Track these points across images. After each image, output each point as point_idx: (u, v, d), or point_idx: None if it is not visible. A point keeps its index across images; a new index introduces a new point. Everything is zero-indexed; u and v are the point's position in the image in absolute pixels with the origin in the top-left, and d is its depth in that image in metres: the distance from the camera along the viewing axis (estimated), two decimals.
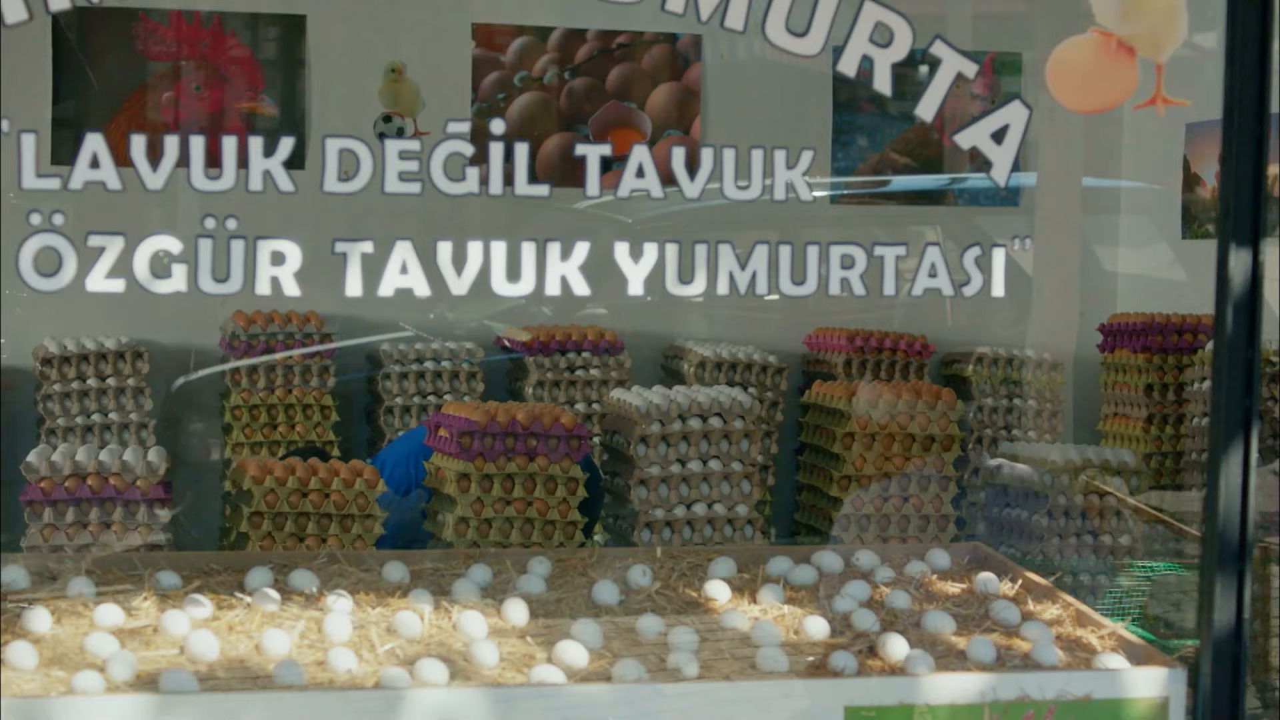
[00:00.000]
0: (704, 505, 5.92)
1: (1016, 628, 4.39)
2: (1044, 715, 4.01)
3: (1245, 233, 4.07)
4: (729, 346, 7.74)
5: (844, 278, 3.85)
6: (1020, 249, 4.09)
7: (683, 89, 7.94)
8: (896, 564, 4.81)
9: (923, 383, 6.59)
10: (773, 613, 4.40)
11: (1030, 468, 6.27)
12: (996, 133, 3.94)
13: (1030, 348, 7.85)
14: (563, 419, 5.81)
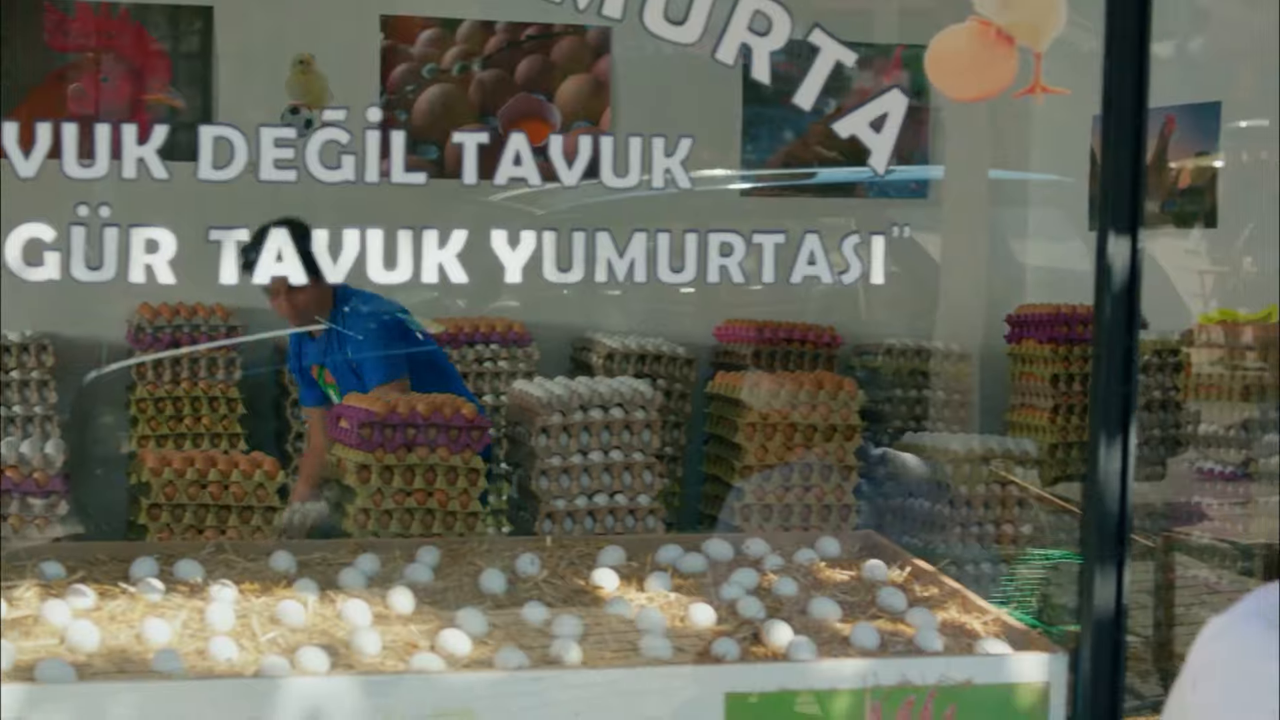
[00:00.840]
0: (605, 495, 5.94)
1: (902, 614, 4.41)
2: (925, 700, 4.03)
3: (1124, 222, 4.09)
4: (638, 338, 7.76)
5: (722, 265, 3.86)
6: (900, 236, 4.08)
7: (592, 81, 7.95)
8: (787, 552, 4.82)
9: (824, 373, 6.61)
10: (659, 600, 4.41)
11: (914, 457, 6.29)
12: (875, 121, 3.95)
13: (938, 339, 7.89)
14: (464, 410, 5.81)
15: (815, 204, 8.28)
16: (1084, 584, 4.15)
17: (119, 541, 5.07)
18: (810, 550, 4.84)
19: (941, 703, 4.05)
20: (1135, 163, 4.10)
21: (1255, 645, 3.04)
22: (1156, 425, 7.42)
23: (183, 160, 3.58)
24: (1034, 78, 3.96)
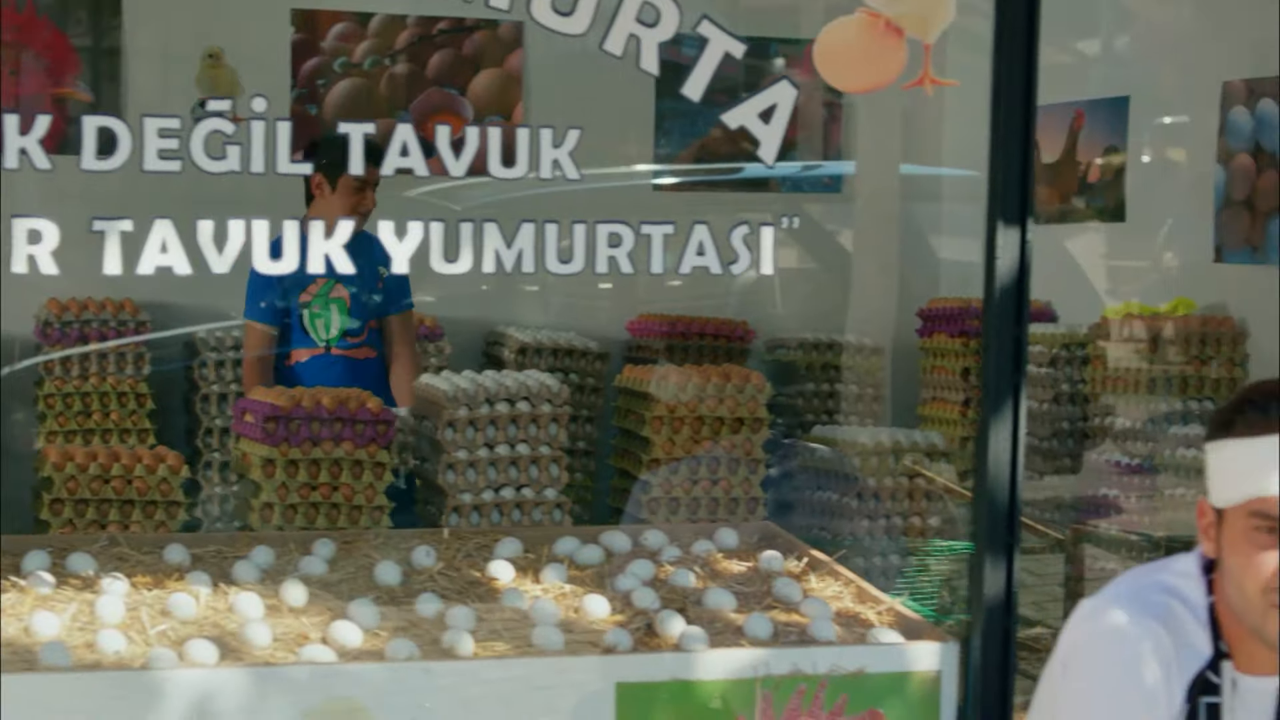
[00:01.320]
0: (512, 490, 5.93)
1: (797, 605, 4.43)
2: (816, 689, 4.04)
3: (1013, 213, 4.12)
4: (550, 332, 7.76)
5: (611, 256, 3.86)
6: (789, 227, 4.09)
7: (504, 75, 7.95)
8: (685, 543, 4.83)
9: (732, 366, 6.63)
10: (554, 592, 4.41)
11: (822, 448, 6.32)
12: (764, 112, 3.96)
13: (851, 333, 7.92)
14: (369, 404, 5.80)
15: (729, 198, 8.30)
16: (974, 573, 4.17)
17: (11, 535, 5.05)
18: (708, 542, 4.85)
19: (833, 692, 4.06)
20: (1024, 154, 4.13)
21: (1122, 627, 3.08)
22: (1065, 418, 7.47)
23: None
24: (923, 69, 3.98)
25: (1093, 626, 3.12)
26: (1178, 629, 3.08)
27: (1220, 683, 3.07)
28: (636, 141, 8.20)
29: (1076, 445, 7.42)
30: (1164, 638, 3.06)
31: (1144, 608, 3.09)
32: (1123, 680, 3.06)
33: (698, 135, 8.18)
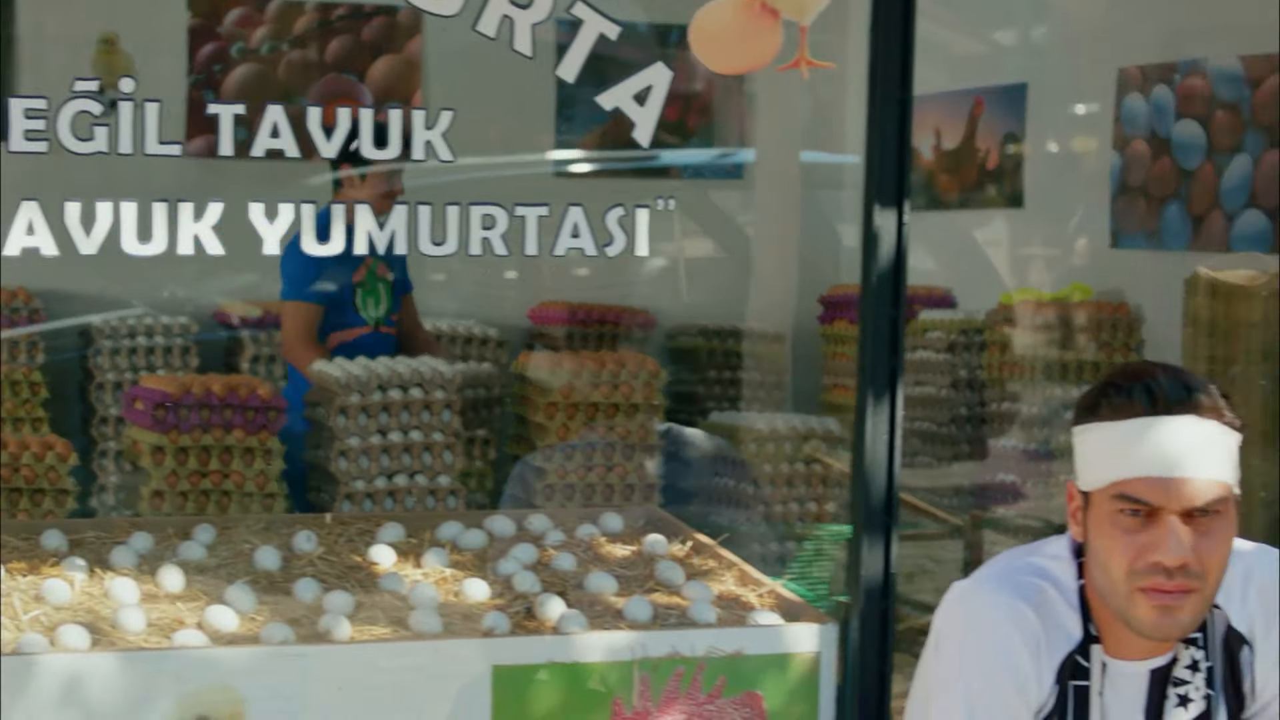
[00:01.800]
0: (405, 476, 5.91)
1: (679, 588, 4.42)
2: (694, 671, 4.03)
3: (890, 194, 4.12)
4: (450, 320, 7.74)
5: (484, 238, 3.85)
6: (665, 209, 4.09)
7: (403, 61, 7.92)
8: (569, 528, 4.82)
9: (627, 352, 6.63)
10: (434, 576, 4.39)
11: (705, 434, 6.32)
12: (639, 94, 3.96)
13: (753, 320, 7.93)
14: (260, 390, 5.78)
15: (630, 185, 8.28)
16: (852, 555, 4.18)
17: None
18: (592, 526, 4.84)
19: (711, 674, 4.05)
20: (900, 138, 4.14)
21: (991, 609, 3.08)
22: (964, 404, 7.49)
23: None
24: (799, 51, 3.98)
25: (962, 608, 3.11)
26: (1047, 611, 3.07)
27: (1090, 666, 3.07)
28: (538, 128, 8.19)
29: (975, 431, 7.44)
30: (1033, 620, 3.05)
31: (1014, 590, 3.09)
32: (991, 661, 3.05)
33: (599, 122, 8.16)
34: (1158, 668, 3.07)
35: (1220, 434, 2.97)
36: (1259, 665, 3.11)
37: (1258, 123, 6.55)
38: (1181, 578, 2.92)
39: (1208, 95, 6.78)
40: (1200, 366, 6.22)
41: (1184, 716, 3.07)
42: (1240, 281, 6.25)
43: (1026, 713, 3.04)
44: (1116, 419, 2.94)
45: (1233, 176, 6.63)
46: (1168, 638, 2.97)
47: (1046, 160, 7.83)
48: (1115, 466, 2.93)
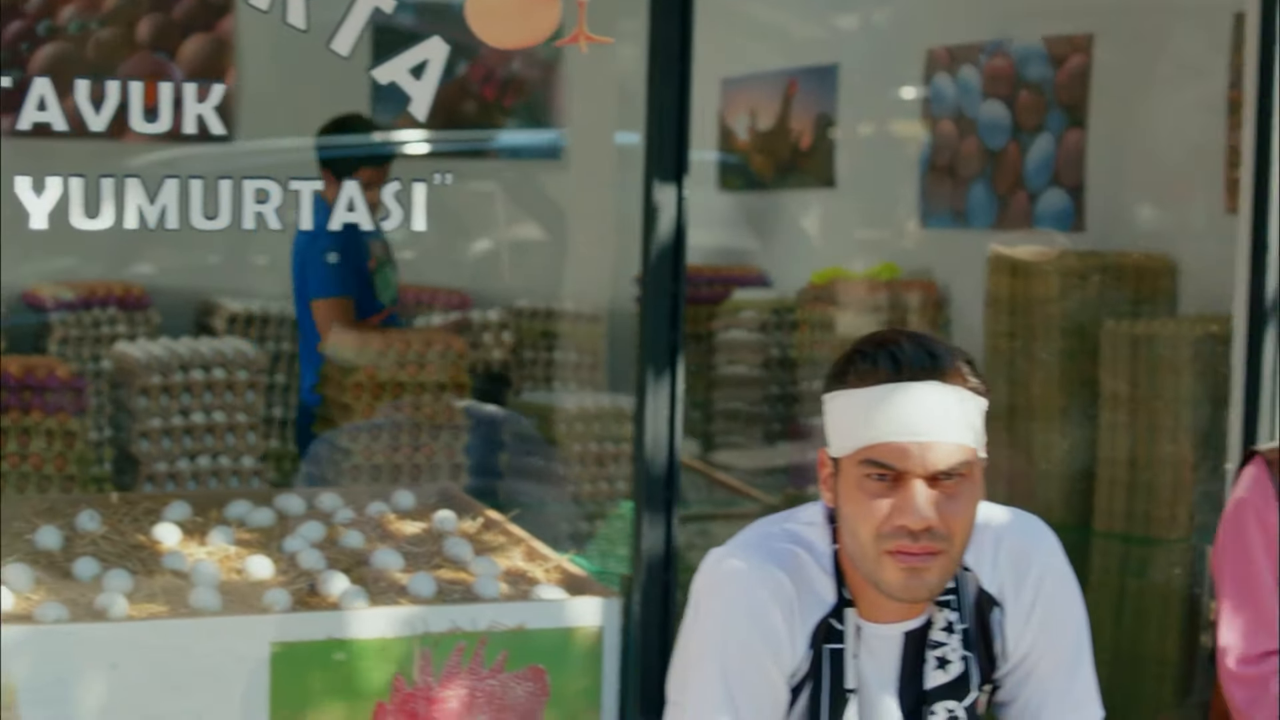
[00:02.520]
0: (208, 457, 5.87)
1: (466, 564, 4.42)
2: (476, 646, 4.02)
3: (669, 170, 4.15)
4: (263, 301, 7.68)
5: (259, 212, 3.82)
6: (441, 183, 4.08)
7: (215, 40, 7.84)
8: (361, 505, 4.81)
9: (434, 331, 6.61)
10: (219, 555, 4.37)
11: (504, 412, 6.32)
12: (415, 68, 3.94)
13: (568, 300, 7.93)
14: (58, 371, 5.71)
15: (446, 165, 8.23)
16: (635, 529, 4.20)
17: None
18: (383, 504, 4.84)
19: (493, 648, 4.04)
20: (680, 113, 4.16)
21: (744, 573, 3.09)
22: (776, 383, 7.54)
23: None
24: (578, 26, 3.97)
25: (716, 572, 3.12)
26: (801, 576, 3.09)
27: (844, 629, 3.09)
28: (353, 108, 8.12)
29: (788, 410, 7.49)
30: (786, 584, 3.07)
31: (767, 555, 3.10)
32: (746, 626, 3.07)
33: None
34: (912, 630, 3.10)
35: (964, 399, 3.00)
36: (1009, 626, 3.15)
37: (1060, 103, 6.63)
38: (927, 540, 2.95)
39: (1012, 76, 6.86)
40: (1000, 343, 6.31)
41: (943, 678, 3.10)
42: (1037, 259, 6.34)
43: (780, 677, 3.06)
44: (863, 386, 2.96)
45: (1036, 156, 6.71)
46: (915, 599, 3.00)
47: (858, 141, 7.89)
48: (862, 432, 2.95)
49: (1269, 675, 3.95)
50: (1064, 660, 3.18)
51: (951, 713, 3.09)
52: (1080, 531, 6.03)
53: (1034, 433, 6.17)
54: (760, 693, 3.04)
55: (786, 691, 3.06)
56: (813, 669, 3.07)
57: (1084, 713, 3.19)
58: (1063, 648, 3.18)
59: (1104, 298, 6.16)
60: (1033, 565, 3.15)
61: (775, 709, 3.07)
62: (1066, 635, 3.18)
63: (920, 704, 3.10)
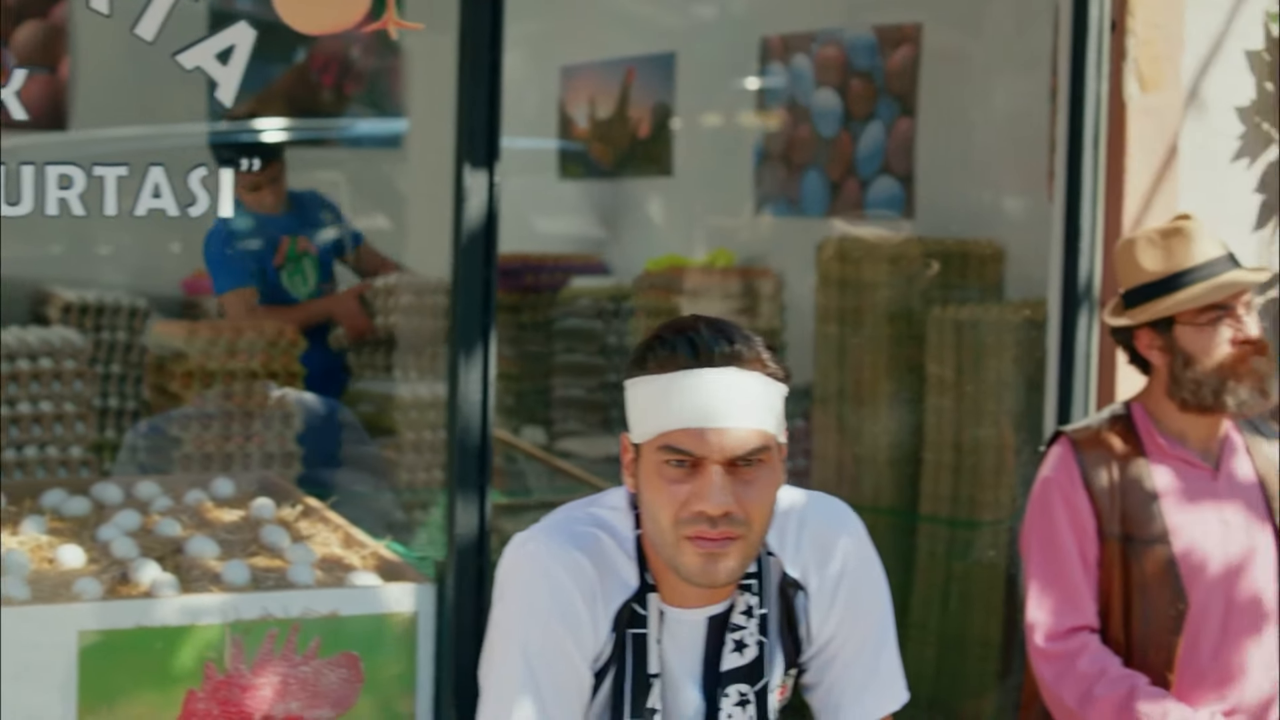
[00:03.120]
0: (35, 448, 5.82)
1: (282, 551, 4.41)
2: (289, 633, 4.04)
3: (480, 156, 4.16)
4: (99, 290, 7.61)
5: (62, 198, 3.79)
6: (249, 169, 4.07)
7: (48, 26, 7.76)
8: (179, 494, 4.79)
9: (267, 321, 6.57)
10: (29, 544, 4.33)
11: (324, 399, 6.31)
12: (222, 54, 3.93)
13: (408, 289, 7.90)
14: None
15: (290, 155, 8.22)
16: (448, 514, 4.21)
17: None
18: (201, 492, 4.82)
19: (306, 635, 4.06)
20: (490, 98, 4.17)
21: (545, 556, 3.10)
22: (612, 371, 7.56)
23: None
24: (386, 11, 3.97)
25: (518, 556, 3.13)
26: (603, 560, 3.10)
27: (647, 614, 3.11)
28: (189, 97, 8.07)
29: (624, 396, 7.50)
30: (589, 568, 3.08)
31: (569, 539, 3.11)
32: (547, 610, 3.07)
33: (252, 91, 8.08)
34: (715, 615, 3.12)
35: (762, 385, 3.01)
36: (813, 610, 3.17)
37: (890, 91, 6.69)
38: (725, 525, 2.96)
39: (844, 64, 6.92)
40: (830, 329, 6.36)
41: (739, 661, 3.12)
42: (867, 246, 6.40)
43: (583, 660, 3.07)
44: (662, 372, 2.98)
45: (867, 144, 6.77)
46: (714, 584, 3.01)
47: (695, 129, 7.93)
48: (660, 418, 2.97)
49: (1076, 651, 4.02)
50: (868, 643, 3.21)
51: (743, 696, 3.11)
52: (907, 516, 6.10)
53: (863, 418, 6.23)
54: (564, 676, 3.05)
55: (590, 675, 3.07)
56: (616, 653, 3.08)
57: (888, 694, 3.22)
58: (866, 631, 3.21)
59: (932, 283, 6.23)
60: (836, 549, 3.17)
61: (579, 693, 3.08)
62: (870, 618, 3.21)
63: (717, 687, 3.13)
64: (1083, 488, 4.06)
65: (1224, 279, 4.03)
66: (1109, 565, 4.05)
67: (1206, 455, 4.15)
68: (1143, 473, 4.08)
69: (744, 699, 3.10)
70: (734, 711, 3.09)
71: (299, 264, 6.57)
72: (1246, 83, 5.08)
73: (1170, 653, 4.05)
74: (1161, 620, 4.04)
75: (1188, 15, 4.98)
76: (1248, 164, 5.09)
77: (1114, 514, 4.04)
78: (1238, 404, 4.03)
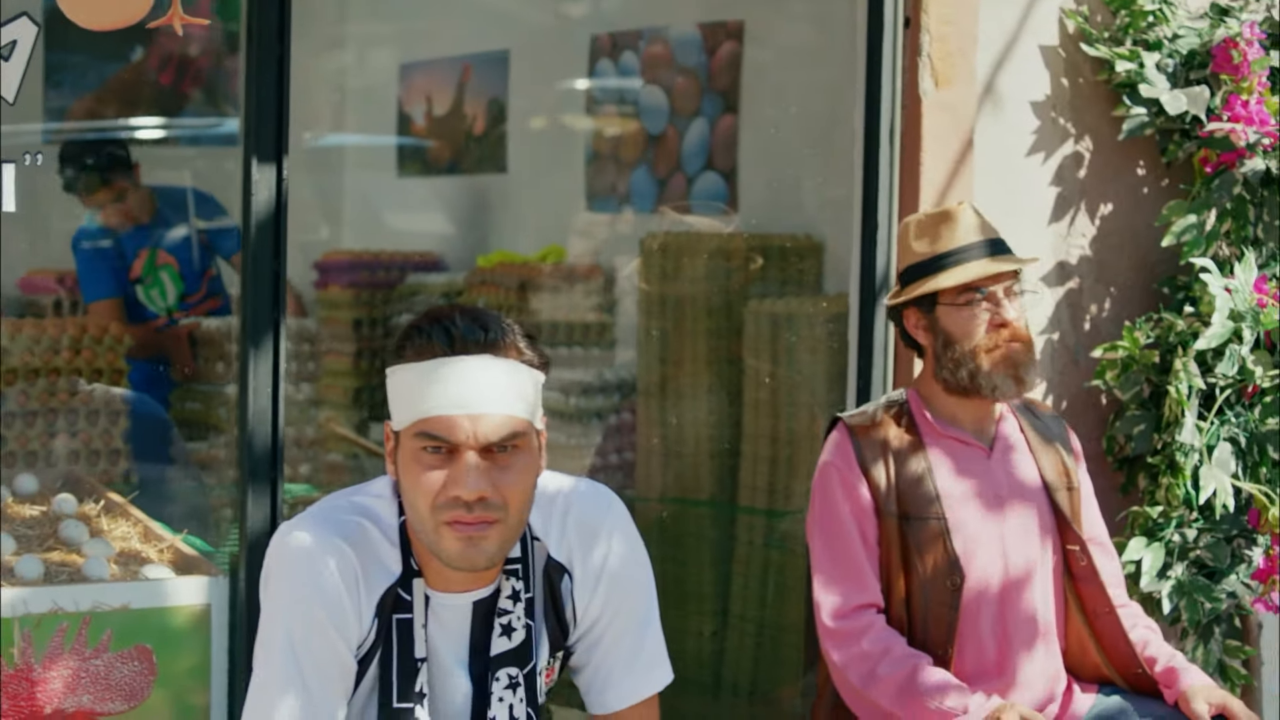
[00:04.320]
0: None
1: (79, 545, 4.43)
2: (79, 626, 4.05)
3: (269, 150, 4.18)
4: None
5: None
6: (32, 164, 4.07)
7: None
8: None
9: (90, 318, 6.58)
10: None
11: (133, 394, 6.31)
12: (3, 48, 3.93)
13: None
14: None
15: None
16: (239, 506, 4.23)
17: None
18: (5, 488, 4.82)
19: (97, 628, 4.08)
20: (279, 90, 4.19)
21: (306, 545, 3.14)
22: None
23: None
24: (171, 7, 3.98)
25: (281, 545, 3.17)
26: (366, 547, 3.14)
27: (412, 599, 3.15)
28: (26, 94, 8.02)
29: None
30: (351, 556, 3.12)
31: (332, 527, 3.16)
32: (309, 598, 3.11)
33: (88, 89, 8.07)
34: (480, 599, 3.17)
35: (517, 372, 3.06)
36: (578, 593, 3.24)
37: (714, 88, 6.76)
38: (481, 510, 3.02)
39: (670, 61, 6.98)
40: (654, 322, 6.42)
41: (507, 645, 3.18)
42: (688, 240, 6.46)
43: (347, 647, 3.11)
44: (418, 360, 3.03)
45: (692, 140, 6.83)
46: (474, 568, 3.07)
47: (528, 125, 7.97)
48: (416, 405, 3.02)
49: (862, 630, 4.11)
50: (632, 625, 3.29)
51: (513, 679, 3.17)
52: (727, 507, 6.17)
53: (684, 411, 6.30)
54: (328, 663, 3.09)
55: (354, 661, 3.12)
56: (381, 639, 3.13)
57: (653, 675, 3.31)
58: (631, 614, 3.29)
59: (752, 277, 6.30)
60: (600, 534, 3.25)
61: (343, 679, 3.12)
62: (634, 602, 3.29)
63: (486, 671, 3.18)
64: (859, 470, 4.16)
65: (980, 263, 4.13)
66: (888, 543, 4.15)
67: (981, 435, 4.25)
68: (917, 453, 4.18)
69: (514, 681, 3.17)
70: (504, 694, 3.16)
71: (156, 277, 6.58)
72: (1042, 78, 5.17)
73: (950, 627, 4.14)
74: (940, 595, 4.13)
75: (982, 11, 5.06)
76: (1043, 158, 5.18)
77: (890, 494, 4.14)
78: (992, 388, 4.15)
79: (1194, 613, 4.96)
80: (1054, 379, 5.19)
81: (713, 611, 6.19)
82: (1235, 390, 5.03)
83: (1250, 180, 5.05)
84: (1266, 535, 4.98)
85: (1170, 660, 4.24)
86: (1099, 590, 4.24)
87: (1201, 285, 4.96)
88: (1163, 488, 4.96)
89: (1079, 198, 5.23)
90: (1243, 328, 4.95)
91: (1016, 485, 4.23)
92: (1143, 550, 4.91)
